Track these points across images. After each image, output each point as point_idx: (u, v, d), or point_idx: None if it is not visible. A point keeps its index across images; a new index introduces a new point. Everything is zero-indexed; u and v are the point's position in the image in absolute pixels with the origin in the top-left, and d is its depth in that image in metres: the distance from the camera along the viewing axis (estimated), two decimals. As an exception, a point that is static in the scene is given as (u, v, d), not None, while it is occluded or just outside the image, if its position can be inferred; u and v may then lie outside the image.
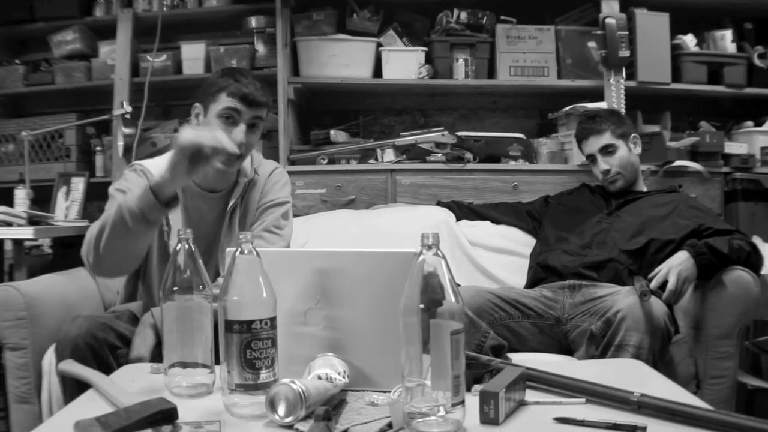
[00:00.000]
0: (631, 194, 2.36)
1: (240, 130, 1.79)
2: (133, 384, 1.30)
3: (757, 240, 2.24)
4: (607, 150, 2.35)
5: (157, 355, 1.58)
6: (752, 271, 2.04)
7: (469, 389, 1.18)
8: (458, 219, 2.61)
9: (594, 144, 2.37)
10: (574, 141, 2.81)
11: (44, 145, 3.23)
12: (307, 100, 3.17)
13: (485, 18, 2.99)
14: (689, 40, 2.99)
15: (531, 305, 2.06)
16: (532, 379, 1.25)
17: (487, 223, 2.60)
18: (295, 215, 2.78)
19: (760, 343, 2.45)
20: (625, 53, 2.81)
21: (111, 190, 1.81)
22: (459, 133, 2.85)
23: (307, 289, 1.28)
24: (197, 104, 1.87)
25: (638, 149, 2.39)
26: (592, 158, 2.41)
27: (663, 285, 1.97)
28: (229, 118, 1.79)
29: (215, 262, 1.87)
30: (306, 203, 2.81)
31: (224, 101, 1.79)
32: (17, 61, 3.38)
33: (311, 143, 2.97)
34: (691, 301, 2.09)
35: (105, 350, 1.62)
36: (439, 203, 2.72)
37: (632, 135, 2.38)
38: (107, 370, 1.50)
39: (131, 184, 1.79)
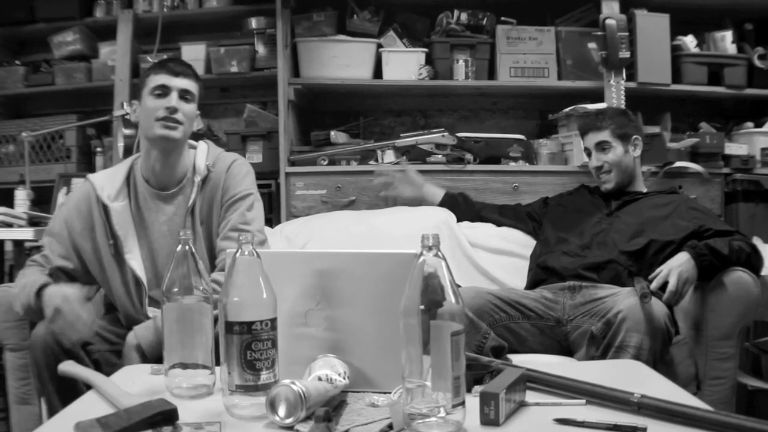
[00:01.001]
0: (631, 195, 2.36)
1: (172, 97, 1.84)
2: (133, 385, 1.30)
3: (757, 241, 2.23)
4: (602, 147, 2.35)
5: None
6: (752, 273, 2.04)
7: (469, 390, 1.18)
8: (459, 219, 2.61)
9: (591, 139, 2.38)
10: (575, 142, 2.81)
11: (44, 146, 3.23)
12: (308, 101, 3.16)
13: (485, 19, 2.99)
14: (689, 41, 2.99)
15: (531, 306, 2.06)
16: (532, 380, 1.25)
17: (488, 223, 2.60)
18: (295, 216, 2.80)
19: (760, 344, 2.45)
20: (625, 54, 2.81)
21: (43, 240, 1.90)
22: (459, 134, 2.85)
23: (308, 290, 1.28)
24: (133, 101, 1.97)
25: (637, 152, 2.38)
26: (588, 152, 2.41)
27: (663, 286, 1.97)
28: (160, 94, 1.84)
29: None
30: (306, 204, 2.81)
31: (153, 80, 1.86)
32: (17, 62, 3.38)
33: (312, 144, 2.97)
34: (691, 302, 2.09)
35: (75, 346, 1.64)
36: (448, 194, 2.67)
37: (634, 137, 2.36)
38: (79, 363, 1.50)
39: (53, 239, 1.86)
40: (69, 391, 1.49)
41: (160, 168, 1.89)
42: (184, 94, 1.86)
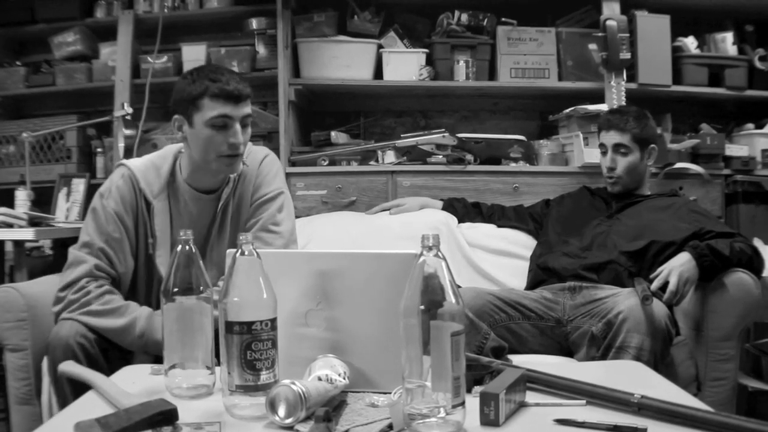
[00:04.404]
0: (632, 197, 2.36)
1: (236, 131, 1.70)
2: (133, 385, 1.30)
3: (758, 242, 2.23)
4: (620, 149, 2.32)
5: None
6: (753, 274, 2.04)
7: (469, 391, 1.18)
8: (460, 220, 2.60)
9: (612, 138, 2.32)
10: (575, 143, 2.81)
11: (45, 147, 3.23)
12: (308, 101, 3.17)
13: (486, 20, 2.99)
14: (690, 42, 2.99)
15: (531, 307, 2.06)
16: (532, 380, 1.25)
17: (488, 224, 2.60)
18: (296, 217, 2.79)
19: (761, 345, 2.44)
20: (625, 55, 2.81)
21: (84, 236, 1.75)
22: (460, 135, 2.86)
23: (308, 290, 1.28)
24: (177, 116, 1.75)
25: (651, 160, 2.36)
26: (603, 149, 2.38)
27: (664, 286, 1.96)
28: (222, 127, 1.69)
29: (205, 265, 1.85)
30: (306, 204, 2.81)
31: (210, 107, 1.68)
32: (18, 63, 3.38)
33: (312, 144, 2.97)
34: (692, 303, 2.09)
35: (96, 348, 1.63)
36: (444, 201, 2.68)
37: (651, 146, 2.33)
38: (98, 369, 1.50)
39: (100, 226, 1.74)
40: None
41: (208, 179, 1.83)
42: (245, 120, 1.72)
